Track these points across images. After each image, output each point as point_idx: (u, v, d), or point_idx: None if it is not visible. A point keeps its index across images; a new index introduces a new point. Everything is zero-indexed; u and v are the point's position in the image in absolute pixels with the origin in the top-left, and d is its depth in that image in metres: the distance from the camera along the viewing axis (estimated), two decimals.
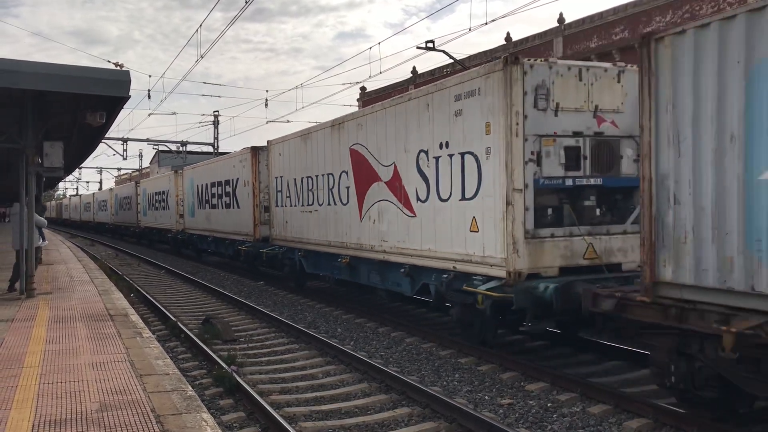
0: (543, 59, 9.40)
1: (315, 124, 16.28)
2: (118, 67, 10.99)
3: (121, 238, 47.12)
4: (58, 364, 7.08)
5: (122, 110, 12.28)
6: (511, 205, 9.02)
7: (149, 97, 38.43)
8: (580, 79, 9.46)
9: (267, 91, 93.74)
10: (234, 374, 8.75)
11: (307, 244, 16.25)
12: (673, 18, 26.49)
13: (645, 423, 7.06)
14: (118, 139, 43.45)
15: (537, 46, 33.25)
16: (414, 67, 43.16)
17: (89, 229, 62.71)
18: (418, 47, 24.54)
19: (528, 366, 9.18)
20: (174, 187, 30.62)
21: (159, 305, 15.05)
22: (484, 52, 36.08)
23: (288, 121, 59.98)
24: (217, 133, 44.82)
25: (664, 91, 6.72)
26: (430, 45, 24.09)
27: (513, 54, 9.54)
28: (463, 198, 10.12)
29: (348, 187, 13.97)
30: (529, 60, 9.16)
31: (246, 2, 17.40)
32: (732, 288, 6.03)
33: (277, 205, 18.36)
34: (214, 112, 44.82)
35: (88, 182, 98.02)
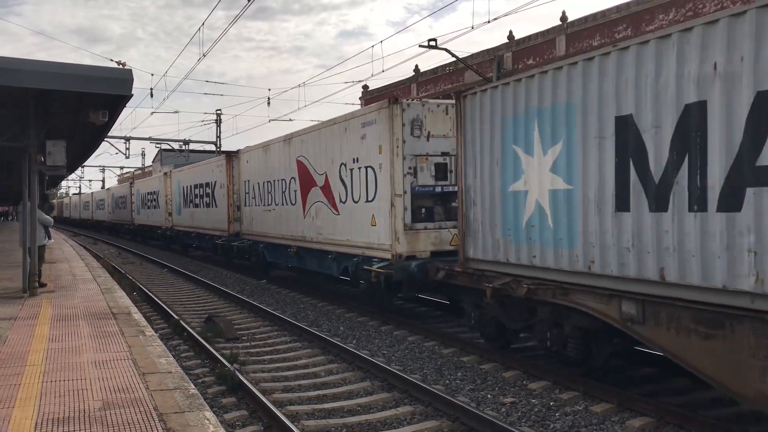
0: (417, 99, 12.96)
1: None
2: (121, 66, 11.01)
3: (117, 234, 49.03)
4: (60, 363, 7.09)
5: (125, 109, 12.28)
6: (394, 206, 12.20)
7: (152, 95, 38.61)
8: (447, 113, 12.31)
9: (269, 89, 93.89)
10: (236, 372, 8.74)
11: (267, 238, 19.37)
12: (676, 16, 26.42)
13: (648, 422, 7.04)
14: (120, 137, 43.32)
15: (540, 44, 33.20)
16: (416, 66, 43.15)
17: (88, 227, 64.77)
18: (420, 45, 24.55)
19: (530, 364, 9.19)
20: (163, 187, 33.11)
21: (162, 303, 15.06)
22: (487, 50, 36.03)
23: (291, 120, 59.88)
24: (220, 132, 44.72)
25: (468, 130, 10.00)
26: (432, 43, 24.08)
27: (394, 96, 12.76)
28: (368, 200, 13.21)
29: (295, 191, 17.02)
30: (407, 100, 12.55)
31: (248, 0, 17.39)
32: (499, 260, 9.38)
33: (245, 205, 21.58)
34: (217, 110, 44.76)
35: (90, 181, 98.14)
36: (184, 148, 44.46)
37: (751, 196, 5.89)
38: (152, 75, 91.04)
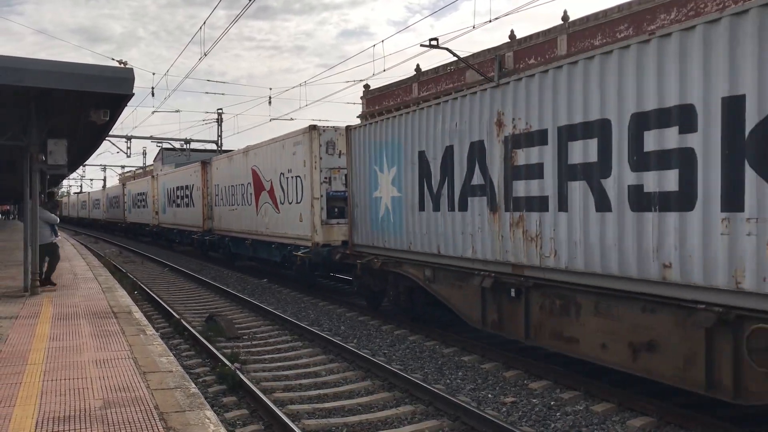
0: (332, 127, 16.38)
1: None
2: (122, 65, 10.98)
3: (112, 232, 52.27)
4: (61, 361, 7.09)
5: (126, 108, 12.27)
6: (313, 207, 16.16)
7: (153, 94, 38.53)
8: None
9: (270, 88, 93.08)
10: (237, 372, 8.74)
11: (232, 233, 23.25)
12: (677, 15, 26.38)
13: (649, 421, 7.04)
14: (122, 136, 43.28)
15: (541, 43, 33.17)
16: (417, 65, 43.16)
17: (85, 225, 68.33)
18: (421, 45, 24.56)
19: (531, 364, 9.18)
20: (151, 188, 36.89)
21: (163, 302, 15.06)
22: (488, 50, 36.02)
23: (292, 119, 59.90)
24: (221, 131, 44.69)
25: (353, 153, 13.66)
26: (433, 43, 24.08)
27: (313, 125, 16.35)
28: (297, 202, 17.15)
29: (251, 194, 20.88)
30: (323, 127, 16.36)
31: (249, 0, 17.35)
32: (369, 244, 13.13)
33: (216, 205, 25.47)
34: (218, 109, 44.73)
35: (92, 180, 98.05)
36: (185, 147, 44.42)
37: (470, 202, 9.82)
38: (153, 74, 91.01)
